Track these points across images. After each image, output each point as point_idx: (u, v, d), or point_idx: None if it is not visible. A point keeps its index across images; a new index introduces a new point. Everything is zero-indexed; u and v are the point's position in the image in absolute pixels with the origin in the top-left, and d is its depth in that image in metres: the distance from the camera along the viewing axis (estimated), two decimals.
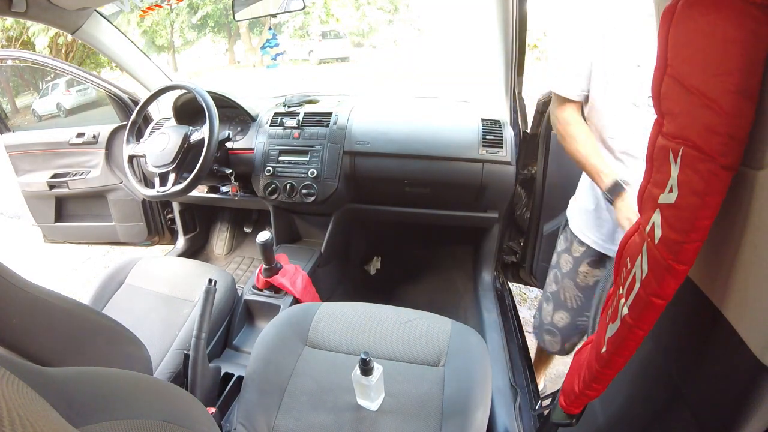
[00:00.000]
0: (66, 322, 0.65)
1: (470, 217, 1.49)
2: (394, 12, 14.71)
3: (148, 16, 11.76)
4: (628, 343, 0.41)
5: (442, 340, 0.88)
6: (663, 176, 0.37)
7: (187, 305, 1.13)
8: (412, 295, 1.68)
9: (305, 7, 1.32)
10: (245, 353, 1.20)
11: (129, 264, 1.26)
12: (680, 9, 0.33)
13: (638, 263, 0.40)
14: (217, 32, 13.86)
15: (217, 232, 2.08)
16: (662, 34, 0.36)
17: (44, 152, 1.80)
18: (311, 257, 1.49)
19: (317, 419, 0.75)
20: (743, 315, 0.34)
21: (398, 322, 0.93)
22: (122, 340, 0.75)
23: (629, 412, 0.54)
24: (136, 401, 0.42)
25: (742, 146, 0.30)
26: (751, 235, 0.33)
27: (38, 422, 0.25)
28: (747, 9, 0.27)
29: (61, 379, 0.38)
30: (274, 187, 1.43)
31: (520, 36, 1.20)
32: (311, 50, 12.97)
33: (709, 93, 0.31)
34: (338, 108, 1.48)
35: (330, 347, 0.90)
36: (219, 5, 12.64)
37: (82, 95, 5.59)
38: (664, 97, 0.37)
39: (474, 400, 0.76)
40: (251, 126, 1.53)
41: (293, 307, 1.01)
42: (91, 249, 2.72)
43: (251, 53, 14.20)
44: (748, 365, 0.32)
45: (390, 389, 0.79)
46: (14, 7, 1.09)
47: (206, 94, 1.31)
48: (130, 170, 1.41)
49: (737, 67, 0.29)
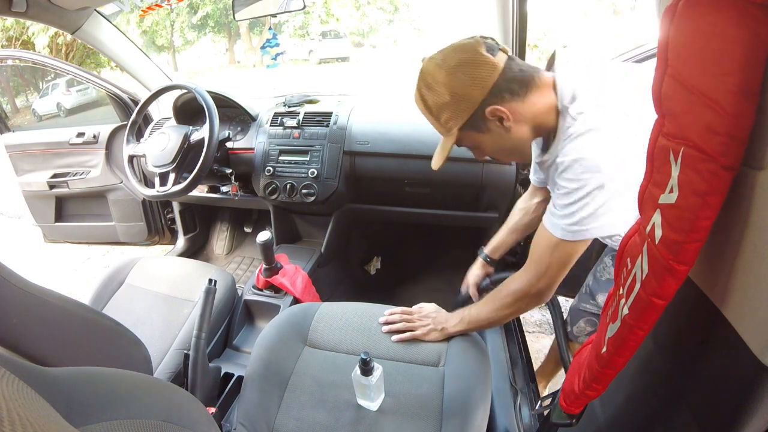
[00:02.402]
0: (66, 322, 0.65)
1: (470, 217, 1.49)
2: (394, 12, 14.72)
3: (148, 16, 11.76)
4: (628, 343, 0.41)
5: (442, 341, 0.88)
6: (663, 176, 0.37)
7: (187, 305, 1.13)
8: (412, 294, 1.68)
9: (305, 7, 1.32)
10: (245, 353, 1.20)
11: (129, 264, 1.26)
12: (681, 9, 0.33)
13: (638, 263, 0.40)
14: (217, 32, 13.86)
15: (217, 232, 2.08)
16: (663, 34, 0.36)
17: (44, 152, 1.81)
18: (311, 257, 1.49)
19: (317, 419, 0.75)
20: (743, 315, 0.34)
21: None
22: (122, 340, 0.76)
23: (629, 411, 0.54)
24: (136, 401, 0.42)
25: (742, 146, 0.30)
26: (751, 236, 0.32)
27: (38, 422, 0.25)
28: (747, 9, 0.27)
29: (61, 379, 0.38)
30: (274, 187, 1.43)
31: (520, 36, 1.20)
32: (311, 50, 12.98)
33: (709, 93, 0.31)
34: (338, 108, 1.48)
35: (330, 347, 0.90)
36: (219, 5, 12.64)
37: (82, 95, 5.59)
38: (664, 97, 0.37)
39: (474, 400, 0.76)
40: (251, 126, 1.53)
41: (293, 307, 1.01)
42: (91, 249, 2.72)
43: (251, 53, 14.20)
44: (749, 365, 0.32)
45: (390, 389, 0.79)
46: (14, 7, 1.09)
47: (206, 93, 1.31)
48: (130, 170, 1.41)
49: (738, 67, 0.29)
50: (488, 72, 0.69)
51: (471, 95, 0.70)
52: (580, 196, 0.68)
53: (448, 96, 0.71)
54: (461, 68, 0.69)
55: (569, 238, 0.70)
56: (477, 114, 0.71)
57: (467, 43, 0.71)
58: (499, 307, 0.82)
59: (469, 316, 0.87)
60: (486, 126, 0.73)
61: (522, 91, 0.71)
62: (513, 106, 0.71)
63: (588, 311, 1.14)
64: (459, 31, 0.96)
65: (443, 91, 0.71)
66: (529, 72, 0.72)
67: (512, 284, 0.79)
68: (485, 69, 0.69)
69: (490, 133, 0.74)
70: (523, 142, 0.77)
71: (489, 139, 0.76)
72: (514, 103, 0.71)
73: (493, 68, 0.69)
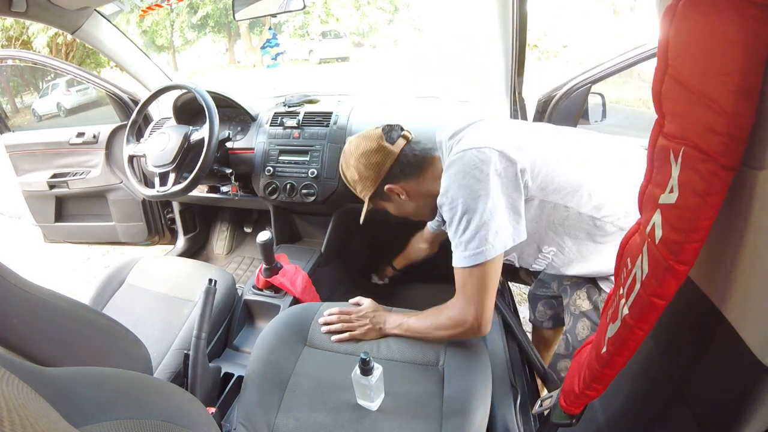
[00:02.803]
0: (66, 322, 0.65)
1: None
2: (394, 12, 14.73)
3: (148, 15, 11.77)
4: (628, 343, 0.41)
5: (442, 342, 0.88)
6: (663, 176, 0.37)
7: (187, 305, 1.13)
8: (412, 294, 1.68)
9: (305, 7, 1.32)
10: (245, 353, 1.20)
11: (129, 264, 1.26)
12: (681, 9, 0.33)
13: (638, 263, 0.40)
14: (217, 32, 13.87)
15: (217, 232, 2.08)
16: (663, 34, 0.36)
17: (44, 152, 1.80)
18: (311, 257, 1.49)
19: (317, 419, 0.75)
20: (744, 315, 0.34)
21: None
22: (122, 340, 0.75)
23: (629, 412, 0.54)
24: (136, 401, 0.42)
25: (742, 146, 0.30)
26: (751, 236, 0.33)
27: (38, 422, 0.25)
28: (748, 9, 0.27)
29: (61, 379, 0.38)
30: (274, 187, 1.43)
31: (520, 36, 1.20)
32: (311, 50, 12.98)
33: (709, 93, 0.31)
34: (338, 108, 1.48)
35: (330, 347, 0.90)
36: (219, 5, 12.65)
37: (82, 95, 5.60)
38: (664, 97, 0.37)
39: (474, 400, 0.76)
40: (251, 126, 1.53)
41: (293, 307, 1.01)
42: (91, 249, 2.72)
43: (251, 53, 14.21)
44: (749, 365, 0.32)
45: (390, 389, 0.79)
46: (14, 7, 1.09)
47: (206, 93, 1.31)
48: (130, 170, 1.41)
49: (738, 67, 0.29)
50: (383, 159, 0.87)
51: (370, 176, 0.89)
52: (458, 220, 0.76)
53: (357, 175, 0.90)
54: (363, 155, 0.88)
55: (472, 263, 0.75)
56: (378, 190, 0.90)
57: (372, 134, 0.90)
58: (435, 327, 0.85)
59: (408, 324, 0.89)
60: (388, 198, 0.92)
61: (415, 172, 0.89)
62: (406, 185, 0.90)
63: (543, 294, 1.23)
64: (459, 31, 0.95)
65: (353, 171, 0.91)
66: (423, 153, 0.90)
67: (448, 310, 0.83)
68: (380, 156, 0.87)
69: (393, 202, 0.94)
70: (422, 209, 0.95)
71: (393, 206, 0.96)
72: (407, 182, 0.90)
73: (387, 155, 0.87)
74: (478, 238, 0.74)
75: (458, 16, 12.29)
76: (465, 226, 0.75)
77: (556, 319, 1.25)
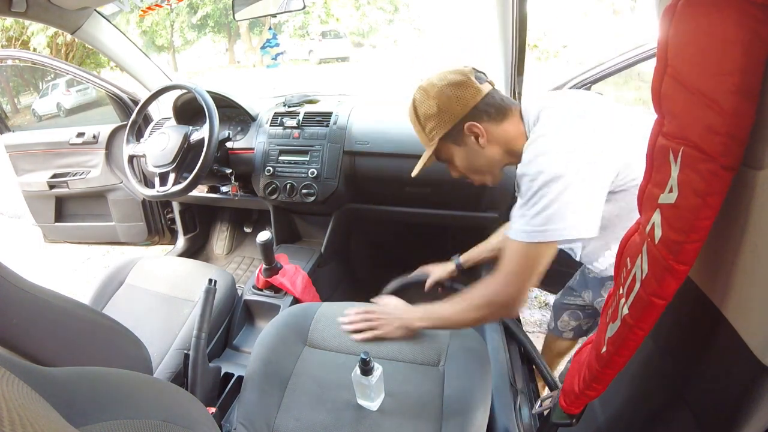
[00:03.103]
0: (66, 322, 0.65)
1: (470, 217, 1.49)
2: (394, 12, 14.73)
3: (148, 16, 11.77)
4: (628, 343, 0.41)
5: (442, 340, 0.88)
6: (663, 176, 0.37)
7: (187, 305, 1.13)
8: (412, 294, 1.68)
9: (305, 7, 1.32)
10: (245, 353, 1.20)
11: (129, 264, 1.26)
12: (680, 9, 0.33)
13: (638, 263, 0.40)
14: (217, 32, 13.87)
15: (217, 232, 2.08)
16: (662, 34, 0.36)
17: (44, 152, 1.81)
18: (311, 257, 1.49)
19: (317, 419, 0.75)
20: (743, 315, 0.34)
21: None
22: (122, 340, 0.76)
23: (629, 412, 0.54)
24: (136, 401, 0.42)
25: (742, 146, 0.30)
26: (751, 235, 0.32)
27: (38, 422, 0.25)
28: (747, 9, 0.27)
29: (61, 379, 0.38)
30: (274, 187, 1.43)
31: (520, 36, 1.20)
32: (311, 50, 12.98)
33: (709, 93, 0.31)
34: (338, 108, 1.48)
35: (330, 347, 0.90)
36: (219, 5, 12.65)
37: (82, 95, 5.59)
38: (664, 97, 0.37)
39: (474, 400, 0.76)
40: (251, 126, 1.53)
41: (293, 307, 1.01)
42: (91, 249, 2.72)
43: (251, 53, 14.21)
44: (749, 365, 0.32)
45: (390, 389, 0.79)
46: (14, 7, 1.09)
47: (206, 93, 1.31)
48: (130, 170, 1.41)
49: (738, 67, 0.29)
50: (472, 94, 0.80)
51: (454, 110, 0.81)
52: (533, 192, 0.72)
53: (435, 108, 0.82)
54: (450, 87, 0.81)
55: (529, 239, 0.72)
56: (457, 127, 0.82)
57: (462, 69, 0.83)
58: (467, 309, 0.81)
59: (434, 312, 0.86)
60: (463, 140, 0.83)
61: (498, 117, 0.82)
62: (488, 126, 0.82)
63: (571, 304, 1.18)
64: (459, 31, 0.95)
65: (433, 103, 0.82)
66: (507, 103, 0.83)
67: (482, 289, 0.80)
68: (470, 91, 0.80)
69: (465, 147, 0.84)
70: (494, 162, 0.86)
71: (464, 152, 0.85)
72: (489, 124, 0.82)
73: (476, 92, 0.80)
74: (545, 216, 0.69)
75: (458, 16, 12.30)
76: (537, 200, 0.70)
77: (578, 330, 1.21)
